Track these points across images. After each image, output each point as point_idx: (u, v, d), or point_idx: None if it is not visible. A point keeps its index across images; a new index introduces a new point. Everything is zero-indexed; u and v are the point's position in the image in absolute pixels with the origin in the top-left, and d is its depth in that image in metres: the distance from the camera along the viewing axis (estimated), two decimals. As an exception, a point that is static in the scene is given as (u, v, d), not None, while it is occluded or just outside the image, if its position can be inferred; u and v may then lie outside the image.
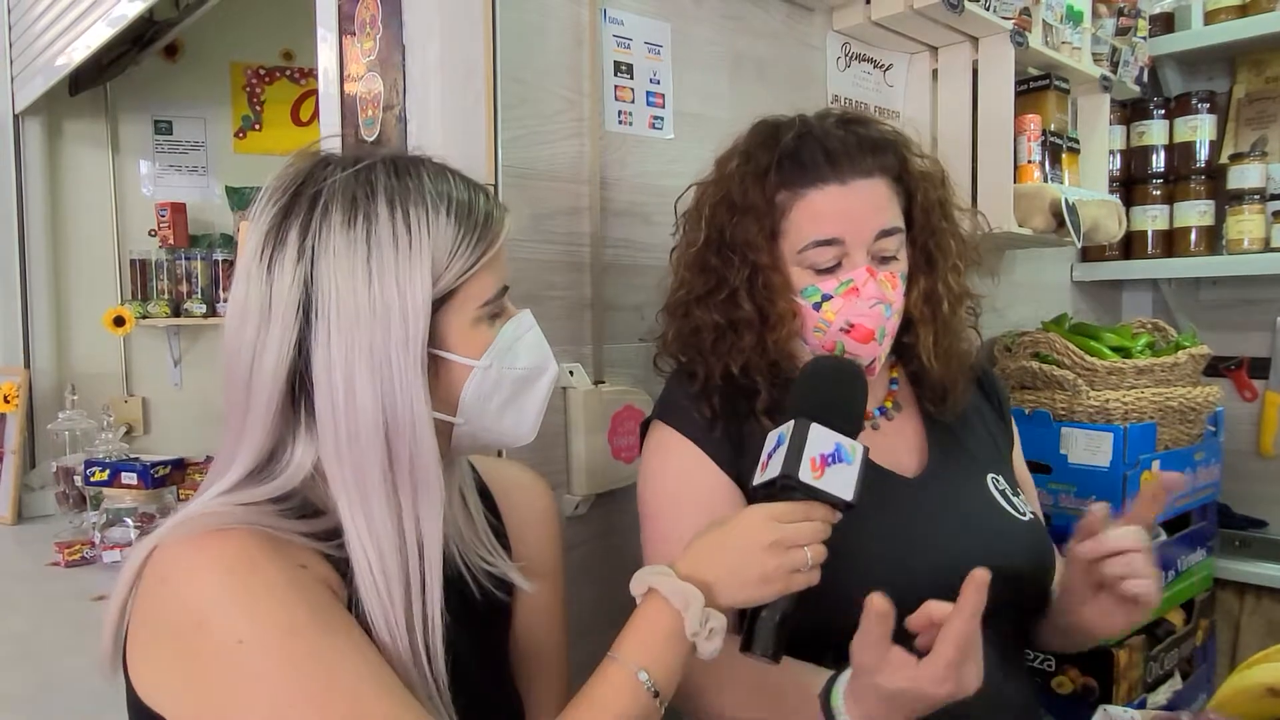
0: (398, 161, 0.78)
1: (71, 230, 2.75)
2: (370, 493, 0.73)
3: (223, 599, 0.66)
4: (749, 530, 0.79)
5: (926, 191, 1.09)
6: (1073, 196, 1.73)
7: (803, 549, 0.79)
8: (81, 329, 2.74)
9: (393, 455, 0.73)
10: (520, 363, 0.81)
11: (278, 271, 0.73)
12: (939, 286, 1.10)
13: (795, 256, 1.05)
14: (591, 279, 1.32)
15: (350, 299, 0.72)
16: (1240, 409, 2.23)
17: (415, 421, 0.73)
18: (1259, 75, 2.22)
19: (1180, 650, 1.80)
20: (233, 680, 0.65)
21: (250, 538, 0.69)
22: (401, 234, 0.73)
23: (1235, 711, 0.82)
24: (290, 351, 0.73)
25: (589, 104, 1.31)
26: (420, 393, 0.73)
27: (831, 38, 1.68)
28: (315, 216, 0.73)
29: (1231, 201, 2.08)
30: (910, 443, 1.15)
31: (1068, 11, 1.78)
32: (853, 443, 0.82)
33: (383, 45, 1.19)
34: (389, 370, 0.72)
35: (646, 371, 1.39)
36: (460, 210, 0.77)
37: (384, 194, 0.74)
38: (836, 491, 0.80)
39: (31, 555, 2.07)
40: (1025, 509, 1.12)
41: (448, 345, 0.77)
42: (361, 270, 0.72)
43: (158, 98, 2.86)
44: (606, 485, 1.31)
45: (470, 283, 0.77)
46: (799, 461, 0.80)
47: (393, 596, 0.73)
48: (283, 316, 0.73)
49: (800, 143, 1.05)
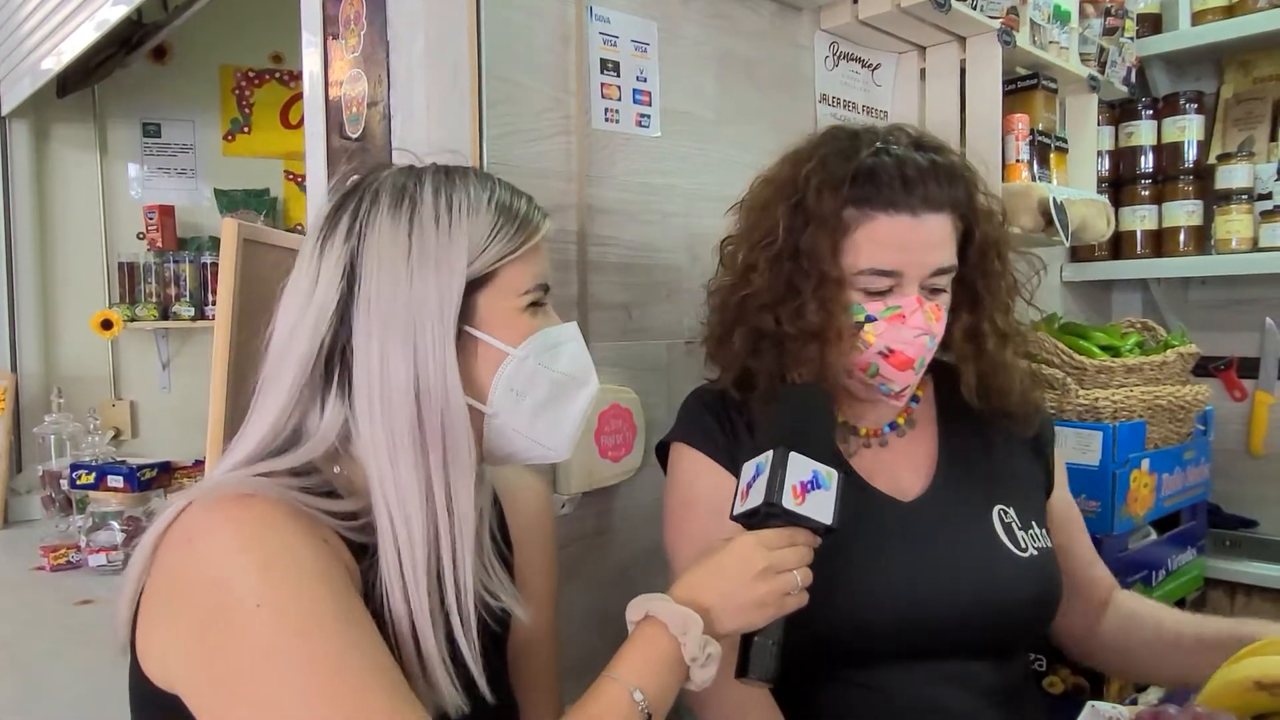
0: (447, 167, 0.83)
1: (59, 233, 2.74)
2: (399, 452, 0.75)
3: (246, 562, 0.67)
4: (741, 558, 0.81)
5: (986, 231, 1.08)
6: (1061, 196, 1.73)
7: (792, 573, 0.82)
8: (69, 332, 2.73)
9: (423, 418, 0.76)
10: (561, 365, 0.83)
11: (328, 250, 0.78)
12: (983, 324, 1.09)
13: (851, 276, 1.04)
14: (578, 276, 1.31)
15: (390, 271, 0.76)
16: (1230, 409, 2.23)
17: (447, 389, 0.76)
18: (1246, 76, 2.23)
19: (1171, 650, 1.80)
20: (244, 645, 0.65)
21: (278, 506, 0.70)
22: (443, 214, 0.78)
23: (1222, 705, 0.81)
24: (331, 319, 0.77)
25: (575, 101, 1.30)
26: (453, 363, 0.76)
27: (819, 37, 1.68)
28: (365, 201, 0.79)
29: (1219, 201, 2.08)
30: (917, 463, 1.13)
31: (1055, 11, 1.79)
32: (828, 469, 0.85)
33: (366, 41, 1.18)
34: (423, 338, 0.76)
35: (634, 370, 1.39)
36: (500, 203, 0.81)
37: (430, 184, 0.80)
38: (818, 516, 0.83)
39: (17, 560, 2.05)
40: (1031, 544, 1.08)
41: (484, 326, 0.80)
42: (403, 243, 0.77)
43: (146, 100, 2.86)
44: (593, 484, 1.30)
45: (508, 269, 0.80)
46: (782, 489, 0.82)
47: (415, 558, 0.74)
48: (326, 288, 0.77)
49: (878, 161, 1.03)
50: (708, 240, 1.49)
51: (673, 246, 1.44)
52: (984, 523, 1.08)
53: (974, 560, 1.05)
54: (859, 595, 1.02)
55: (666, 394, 1.42)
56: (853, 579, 1.02)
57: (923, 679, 1.03)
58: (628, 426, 1.32)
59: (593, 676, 0.83)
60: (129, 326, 2.74)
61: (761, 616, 0.81)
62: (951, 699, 1.03)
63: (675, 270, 1.44)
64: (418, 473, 0.76)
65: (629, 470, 1.34)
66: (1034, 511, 1.13)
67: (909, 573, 1.03)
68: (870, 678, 1.03)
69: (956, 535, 1.07)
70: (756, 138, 1.56)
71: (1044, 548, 1.10)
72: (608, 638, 1.35)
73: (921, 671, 1.03)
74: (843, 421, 1.13)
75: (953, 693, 1.03)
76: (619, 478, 1.33)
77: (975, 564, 1.05)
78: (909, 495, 1.09)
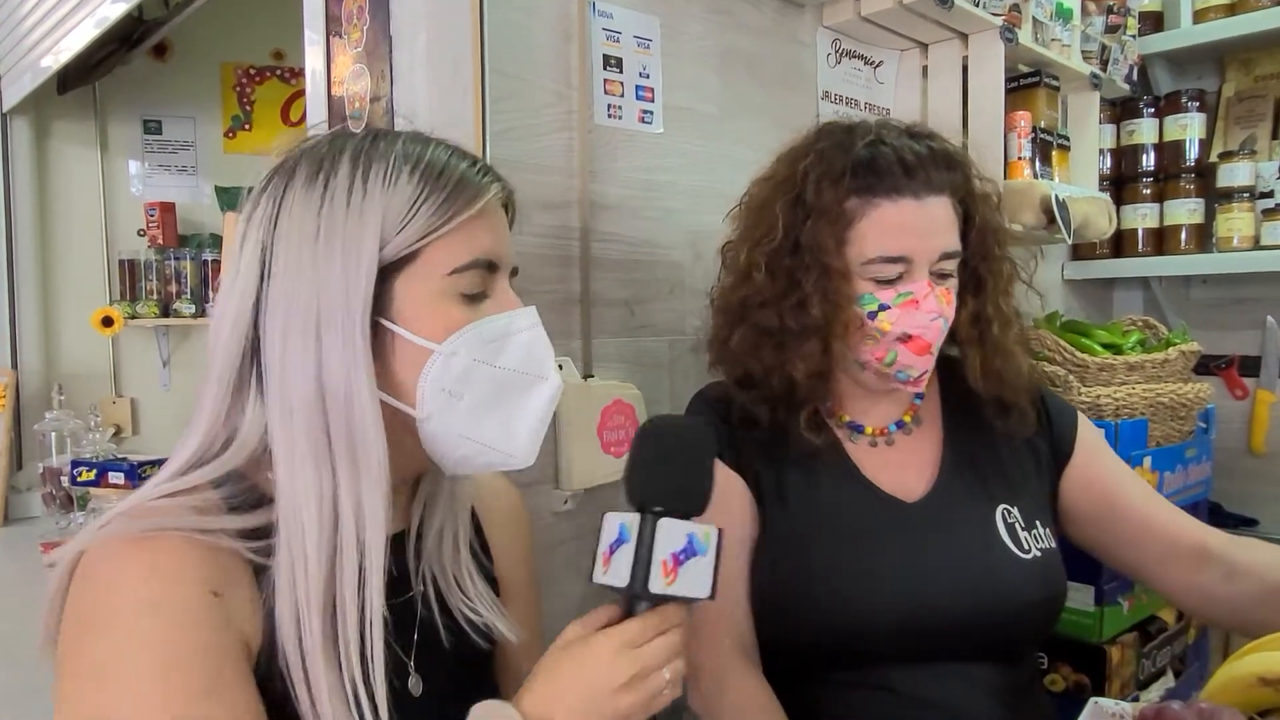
0: (379, 131, 0.74)
1: (60, 230, 2.73)
2: (302, 461, 0.68)
3: (122, 609, 0.62)
4: (600, 669, 0.67)
5: (985, 215, 1.09)
6: (1063, 193, 1.73)
7: (661, 671, 0.69)
8: (69, 329, 2.72)
9: (329, 423, 0.69)
10: (505, 361, 0.73)
11: (248, 235, 0.71)
12: (988, 309, 1.10)
13: (858, 266, 1.03)
14: (581, 273, 1.31)
15: (296, 256, 0.69)
16: (1231, 407, 2.23)
17: (352, 391, 0.68)
18: (1248, 74, 2.23)
19: (1172, 648, 1.79)
20: (93, 688, 0.61)
21: (174, 551, 0.65)
22: (356, 188, 0.69)
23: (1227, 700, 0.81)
24: (248, 313, 0.70)
25: (578, 97, 1.30)
26: (358, 361, 0.68)
27: (822, 34, 1.68)
28: (286, 174, 0.72)
29: (1221, 200, 2.08)
30: (922, 461, 1.13)
31: (1057, 9, 1.79)
32: (705, 528, 0.70)
33: (369, 36, 1.18)
34: (327, 332, 0.68)
35: (636, 366, 1.39)
36: (428, 170, 0.71)
37: (350, 152, 0.71)
38: (692, 593, 0.69)
39: (17, 557, 2.05)
40: (1034, 545, 1.07)
41: (402, 319, 0.70)
42: (311, 225, 0.69)
43: (147, 97, 2.85)
44: (596, 480, 1.30)
45: (434, 247, 0.70)
46: (648, 570, 0.68)
47: (309, 578, 0.67)
48: (245, 279, 0.70)
49: (876, 150, 1.03)
50: (710, 237, 1.49)
51: (675, 243, 1.44)
52: (987, 523, 1.07)
53: (975, 562, 1.05)
54: (860, 596, 1.02)
55: (669, 390, 1.42)
56: (854, 579, 1.02)
57: (926, 680, 1.03)
58: (630, 423, 1.32)
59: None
60: (129, 324, 2.73)
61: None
62: (955, 701, 1.03)
63: (677, 267, 1.44)
64: (319, 484, 0.68)
65: (631, 466, 1.34)
66: (1038, 511, 1.12)
67: (910, 574, 1.03)
68: (873, 679, 1.03)
69: (959, 536, 1.06)
70: (759, 134, 1.56)
71: (1047, 548, 1.09)
72: (610, 634, 1.36)
73: (924, 673, 1.03)
74: (848, 420, 1.14)
75: (956, 694, 1.03)
76: (621, 474, 1.33)
77: (976, 565, 1.04)
78: (913, 495, 1.09)
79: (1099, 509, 1.16)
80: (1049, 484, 1.17)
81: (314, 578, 0.67)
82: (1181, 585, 1.11)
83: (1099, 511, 1.15)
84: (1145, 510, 1.15)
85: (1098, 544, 1.18)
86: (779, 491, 1.10)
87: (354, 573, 0.69)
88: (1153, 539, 1.13)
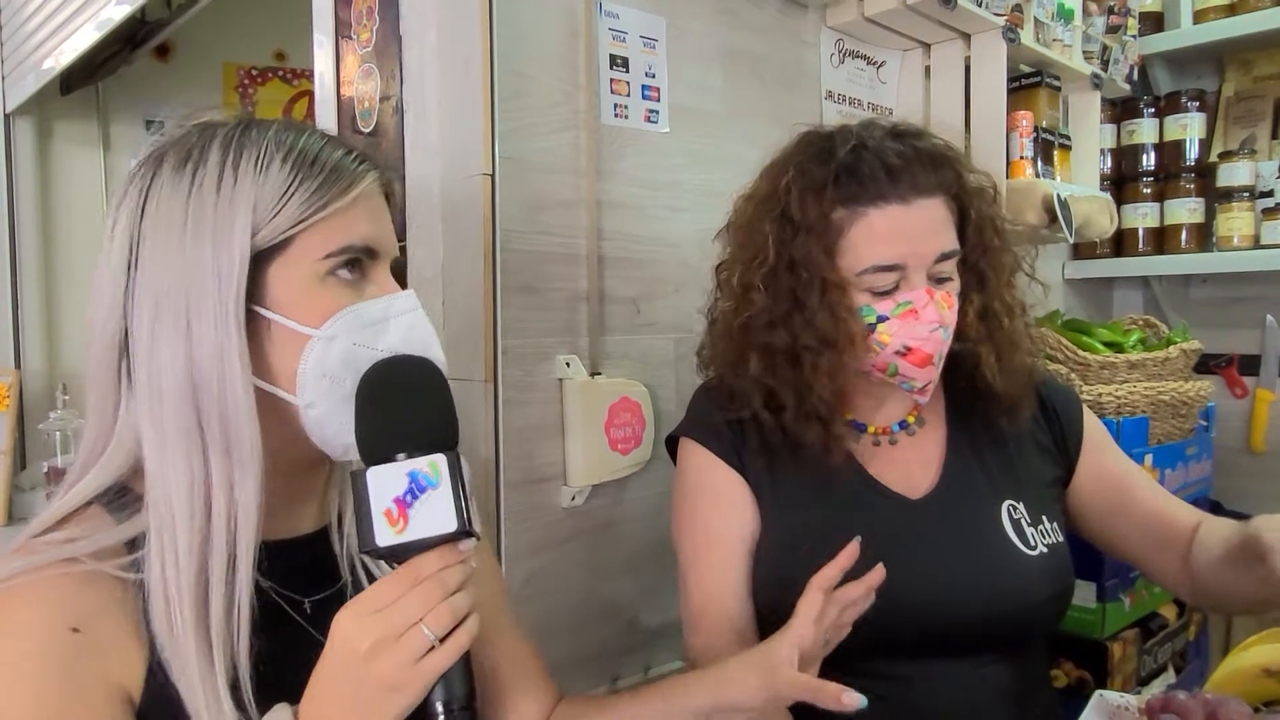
0: (253, 120, 0.73)
1: (62, 230, 2.73)
2: (173, 450, 0.67)
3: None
4: (343, 642, 0.63)
5: (980, 209, 1.06)
6: (1064, 192, 1.74)
7: (418, 627, 0.62)
8: (73, 329, 2.72)
9: (200, 412, 0.68)
10: (386, 344, 0.71)
11: (115, 225, 0.70)
12: (994, 303, 1.08)
13: (853, 278, 1.01)
14: (587, 271, 1.32)
15: (164, 246, 0.68)
16: (1231, 406, 2.24)
17: (226, 380, 0.67)
18: (1247, 74, 2.24)
19: (1174, 644, 1.80)
20: None
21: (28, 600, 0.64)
22: (227, 175, 0.68)
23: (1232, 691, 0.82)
24: (118, 309, 0.69)
25: (585, 97, 1.31)
26: (232, 350, 0.67)
27: (825, 34, 1.69)
28: (152, 166, 0.70)
29: (1221, 199, 2.09)
30: (928, 459, 1.12)
31: (1059, 9, 1.80)
32: (430, 459, 0.63)
33: (379, 36, 1.19)
34: (198, 321, 0.67)
35: (643, 364, 1.39)
36: (301, 158, 0.70)
37: (220, 141, 0.70)
38: (433, 532, 0.63)
39: (22, 555, 2.05)
40: (1040, 541, 1.07)
41: (277, 306, 0.70)
42: (180, 215, 0.68)
43: (149, 98, 2.85)
44: (603, 477, 1.31)
45: (307, 234, 0.70)
46: (371, 526, 0.63)
47: (180, 564, 0.66)
48: (113, 270, 0.69)
49: (858, 157, 1.00)
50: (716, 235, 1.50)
51: (681, 241, 1.45)
52: (993, 520, 1.07)
53: (981, 558, 1.04)
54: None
55: (675, 387, 1.43)
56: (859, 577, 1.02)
57: (932, 677, 1.03)
58: (637, 420, 1.33)
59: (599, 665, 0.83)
60: (132, 323, 2.74)
61: (403, 699, 0.62)
62: (961, 697, 1.03)
63: (683, 265, 1.45)
64: (189, 473, 0.67)
65: (639, 463, 1.35)
66: (1045, 506, 1.11)
67: (916, 571, 1.02)
68: (879, 676, 1.03)
69: (964, 533, 1.06)
70: (763, 134, 1.56)
71: (1053, 544, 1.08)
72: (617, 627, 1.37)
73: (931, 669, 1.03)
74: (851, 420, 1.13)
75: (963, 691, 1.03)
76: (628, 470, 1.34)
77: (982, 562, 1.04)
78: (918, 492, 1.09)
79: (1107, 503, 1.15)
80: (1056, 478, 1.16)
81: (185, 568, 0.66)
82: (1175, 572, 1.10)
83: (1107, 506, 1.14)
84: (1152, 503, 1.14)
85: (1103, 537, 1.17)
86: (781, 489, 1.10)
87: (225, 566, 0.68)
88: (1158, 529, 1.12)
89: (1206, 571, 1.02)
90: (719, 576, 1.08)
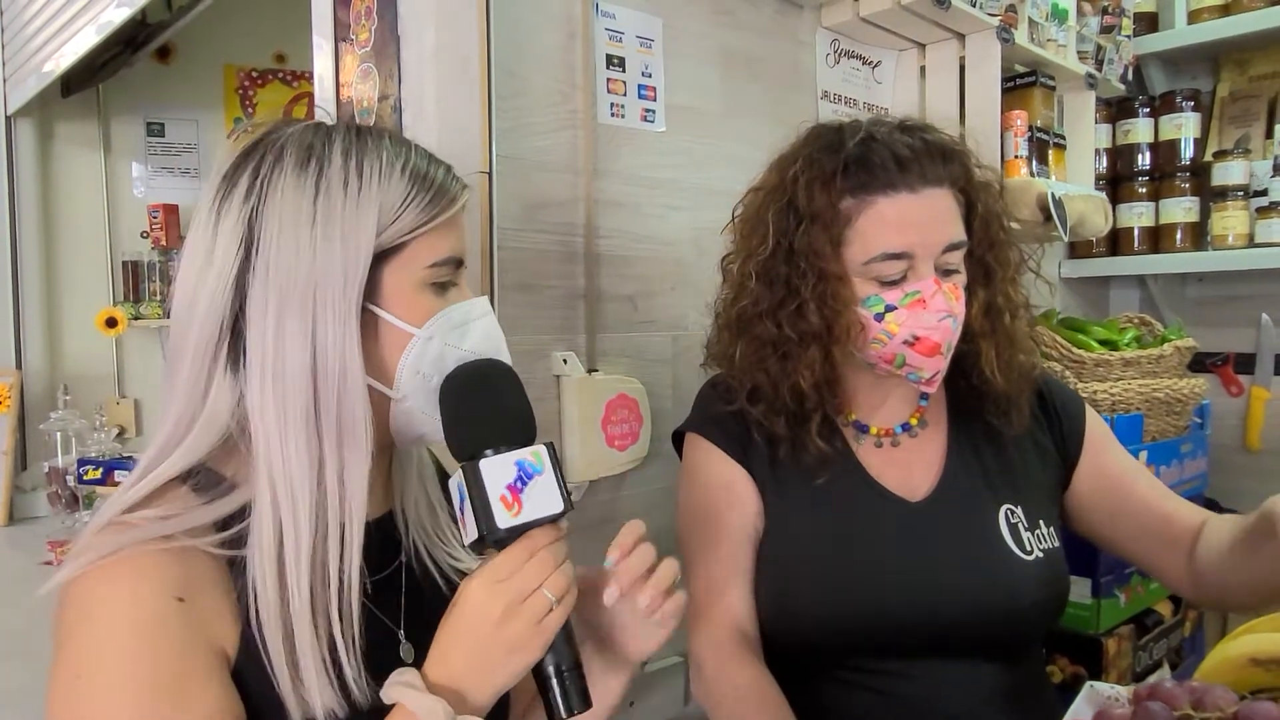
0: (361, 127, 0.77)
1: (64, 231, 2.75)
2: (291, 433, 0.71)
3: (89, 635, 0.66)
4: (475, 609, 0.70)
5: (987, 203, 1.06)
6: (1059, 191, 1.75)
7: (539, 592, 0.70)
8: (74, 330, 2.74)
9: (319, 400, 0.71)
10: (467, 344, 0.78)
11: (225, 211, 0.73)
12: (998, 298, 1.08)
13: (860, 267, 1.01)
14: (585, 269, 1.33)
15: (292, 238, 0.71)
16: (1227, 404, 2.25)
17: (346, 368, 0.71)
18: (1242, 74, 2.25)
19: (1169, 640, 1.81)
20: (65, 712, 0.66)
21: (136, 568, 0.67)
22: (353, 179, 0.72)
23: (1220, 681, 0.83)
24: (229, 289, 0.72)
25: (582, 96, 1.32)
26: (353, 341, 0.72)
27: (821, 34, 1.70)
28: (268, 159, 0.73)
29: (1216, 198, 2.10)
30: (928, 461, 1.12)
31: (1053, 9, 1.81)
32: (533, 449, 0.73)
33: (378, 35, 1.20)
34: (324, 312, 0.71)
35: (639, 361, 1.41)
36: (415, 171, 0.75)
37: (340, 144, 0.74)
38: (544, 513, 0.72)
39: (24, 556, 2.06)
40: (1036, 546, 1.07)
41: (388, 305, 0.75)
42: (307, 209, 0.71)
43: (150, 100, 2.87)
44: (600, 473, 1.32)
45: (419, 241, 0.75)
46: (489, 510, 0.71)
47: (299, 544, 0.70)
48: (224, 254, 0.72)
49: (867, 148, 1.01)
50: (712, 233, 1.50)
51: (677, 239, 1.46)
52: (990, 523, 1.07)
53: (977, 562, 1.05)
54: (864, 594, 1.03)
55: (672, 384, 1.44)
56: (858, 577, 1.03)
57: (928, 678, 1.03)
58: (634, 416, 1.34)
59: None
60: (133, 324, 2.75)
61: (526, 657, 0.71)
62: (957, 699, 1.03)
63: (680, 263, 1.46)
64: (309, 454, 0.71)
65: (635, 459, 1.36)
66: (1042, 511, 1.11)
67: (913, 573, 1.03)
68: (875, 676, 1.04)
69: (961, 536, 1.06)
70: (759, 133, 1.58)
71: (1049, 548, 1.08)
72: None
73: (927, 671, 1.03)
74: (853, 420, 1.13)
75: (958, 692, 1.03)
76: (626, 466, 1.35)
77: (978, 565, 1.04)
78: (917, 494, 1.09)
79: (1109, 503, 1.14)
80: (1055, 481, 1.16)
81: (304, 548, 0.70)
82: (1178, 571, 1.09)
83: (1109, 506, 1.14)
84: (1153, 501, 1.14)
85: (1104, 537, 1.17)
86: (785, 488, 1.10)
87: (337, 542, 0.72)
88: (1159, 528, 1.11)
89: (1211, 565, 1.03)
90: (725, 570, 1.08)
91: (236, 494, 0.72)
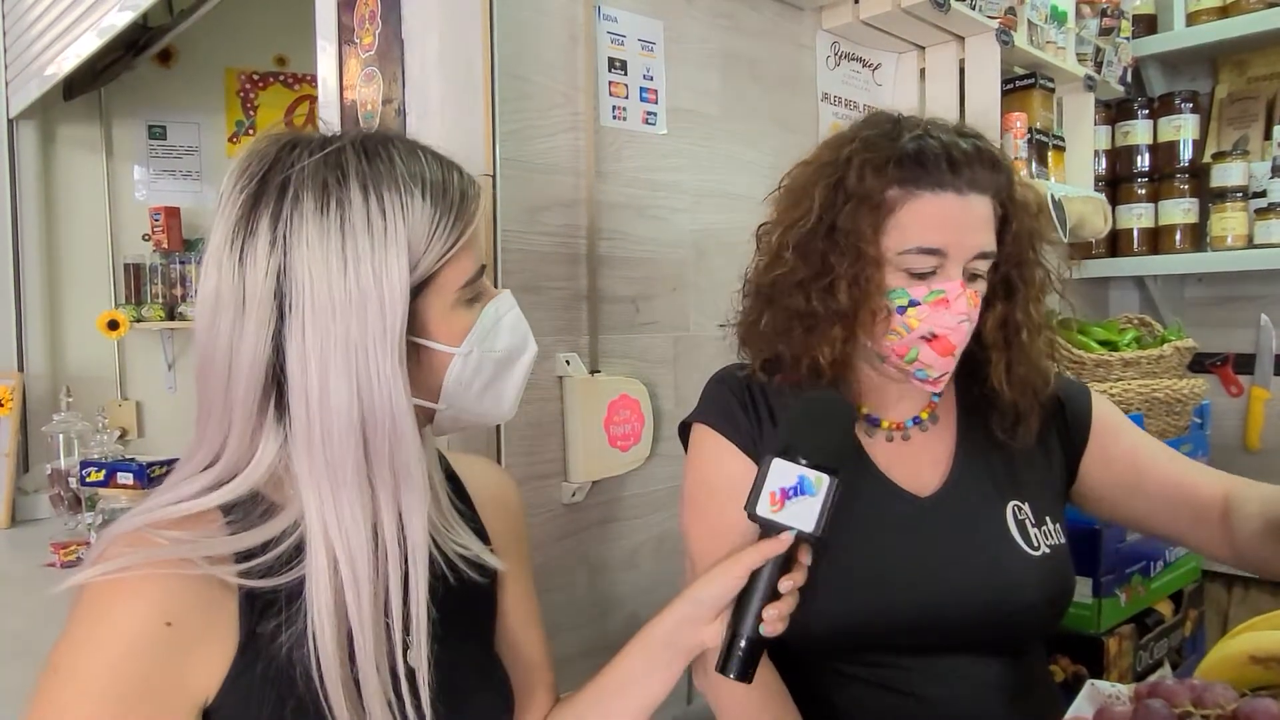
0: (367, 143, 0.75)
1: (65, 234, 2.75)
2: (342, 488, 0.71)
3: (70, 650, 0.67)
4: None
5: (1022, 220, 1.07)
6: (1059, 193, 1.76)
7: None
8: (76, 332, 2.74)
9: (369, 449, 0.72)
10: (500, 344, 0.80)
11: (250, 262, 0.71)
12: (1017, 314, 1.08)
13: (894, 257, 1.02)
14: (587, 270, 1.33)
15: (325, 290, 0.70)
16: (1226, 404, 2.26)
17: (395, 414, 0.72)
18: (1241, 75, 2.26)
19: (1169, 640, 1.82)
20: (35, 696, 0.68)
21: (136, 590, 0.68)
22: (376, 219, 0.71)
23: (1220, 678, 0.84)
24: (267, 346, 0.71)
25: (584, 99, 1.33)
26: (400, 384, 0.72)
27: (821, 37, 1.71)
28: (286, 204, 0.71)
29: (1215, 199, 2.11)
30: (936, 457, 1.12)
31: (1052, 12, 1.82)
32: (819, 475, 0.82)
33: (381, 40, 1.21)
34: (366, 362, 0.70)
35: (641, 362, 1.41)
36: (435, 191, 0.74)
37: (356, 178, 0.72)
38: (794, 523, 0.81)
39: (27, 558, 2.06)
40: (1043, 542, 1.08)
41: (428, 333, 0.75)
42: (336, 259, 0.70)
43: (152, 103, 2.88)
44: (603, 473, 1.32)
45: (449, 266, 0.75)
46: (758, 496, 0.82)
47: (360, 598, 0.71)
48: (258, 309, 0.71)
49: (924, 143, 1.02)
50: (713, 235, 1.52)
51: (679, 241, 1.47)
52: (997, 519, 1.07)
53: (984, 558, 1.05)
54: (870, 588, 1.03)
55: (673, 385, 1.45)
56: (865, 572, 1.03)
57: (933, 673, 1.03)
58: (636, 417, 1.35)
59: (601, 660, 0.84)
60: (135, 327, 2.76)
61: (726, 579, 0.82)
62: (961, 694, 1.03)
63: (681, 265, 1.47)
64: (363, 508, 0.72)
65: (637, 460, 1.37)
66: (1049, 507, 1.12)
67: (920, 568, 1.03)
68: (881, 671, 1.04)
69: (968, 532, 1.06)
70: (760, 135, 1.58)
71: (1056, 544, 1.09)
72: (615, 622, 1.38)
73: (932, 666, 1.03)
74: (866, 413, 1.13)
75: (963, 688, 1.04)
76: (627, 467, 1.36)
77: (985, 561, 1.05)
78: (926, 490, 1.09)
79: (1126, 483, 1.14)
80: (1063, 475, 1.16)
81: (365, 596, 0.71)
82: (1215, 542, 1.08)
83: (1126, 485, 1.14)
84: (1172, 475, 1.13)
85: (1130, 518, 1.17)
86: None
87: (399, 587, 0.73)
88: (1183, 501, 1.11)
89: (1250, 544, 1.03)
90: None
91: (273, 522, 0.73)
